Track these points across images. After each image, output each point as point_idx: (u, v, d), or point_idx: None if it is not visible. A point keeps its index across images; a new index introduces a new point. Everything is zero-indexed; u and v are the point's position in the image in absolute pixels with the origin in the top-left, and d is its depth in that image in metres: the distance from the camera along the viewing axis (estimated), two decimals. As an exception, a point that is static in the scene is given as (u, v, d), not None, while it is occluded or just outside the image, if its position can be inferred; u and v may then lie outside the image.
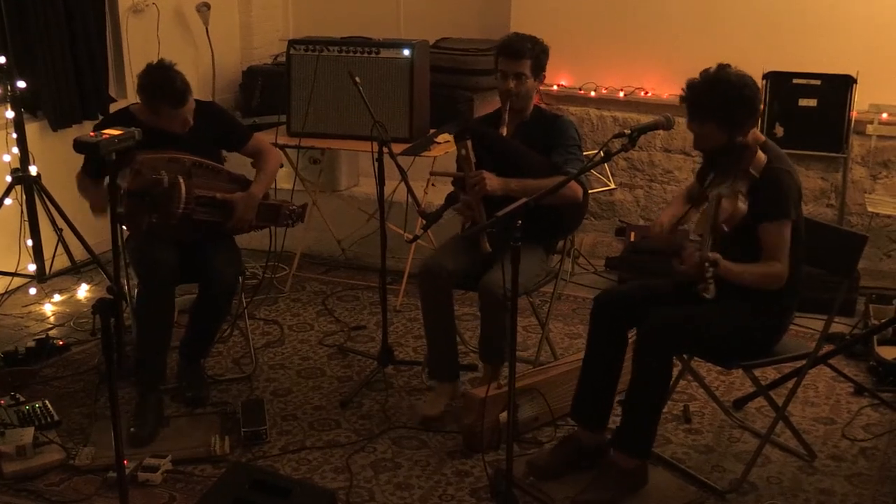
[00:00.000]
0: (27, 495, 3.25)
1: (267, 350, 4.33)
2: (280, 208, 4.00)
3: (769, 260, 3.06)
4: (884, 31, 5.09)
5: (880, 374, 4.00)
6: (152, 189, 3.57)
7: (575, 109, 5.74)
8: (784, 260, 3.05)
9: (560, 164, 3.64)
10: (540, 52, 3.74)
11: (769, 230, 3.06)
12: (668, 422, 3.70)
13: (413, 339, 4.42)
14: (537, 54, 3.73)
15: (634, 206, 5.80)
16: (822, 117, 5.17)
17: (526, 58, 3.70)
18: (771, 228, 3.05)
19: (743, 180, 3.04)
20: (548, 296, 4.16)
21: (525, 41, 3.74)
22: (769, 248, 3.06)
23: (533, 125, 3.80)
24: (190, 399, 3.82)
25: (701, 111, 3.09)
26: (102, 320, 2.55)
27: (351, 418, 3.75)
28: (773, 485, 3.32)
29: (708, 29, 5.40)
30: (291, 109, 5.05)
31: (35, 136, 4.91)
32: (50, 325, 4.59)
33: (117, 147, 3.36)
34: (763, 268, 3.06)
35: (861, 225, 5.27)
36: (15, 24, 4.78)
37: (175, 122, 3.73)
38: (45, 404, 3.71)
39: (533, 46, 3.73)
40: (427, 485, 3.33)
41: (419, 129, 4.96)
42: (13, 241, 4.83)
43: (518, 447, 3.44)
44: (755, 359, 3.23)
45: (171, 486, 3.30)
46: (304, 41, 5.07)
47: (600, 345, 3.33)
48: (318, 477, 3.37)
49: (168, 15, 5.84)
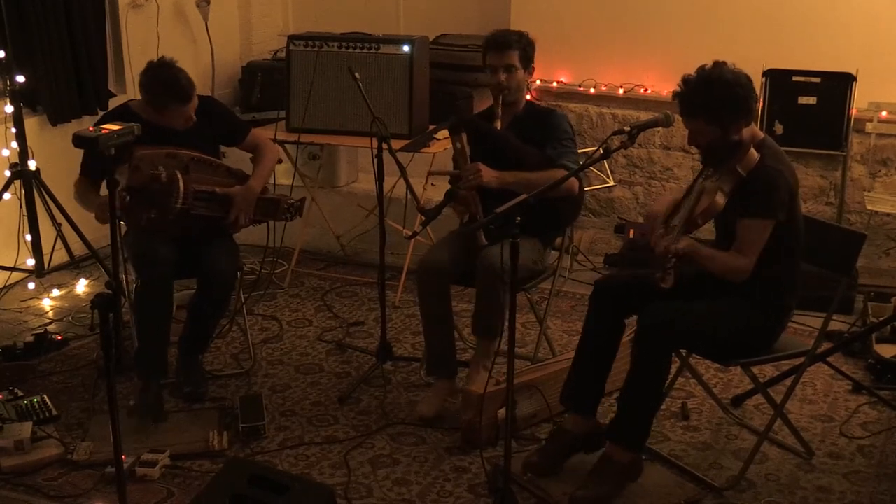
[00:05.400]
0: (25, 490, 3.25)
1: (265, 346, 4.33)
2: (279, 202, 4.00)
3: (737, 252, 3.06)
4: (883, 29, 5.09)
5: (878, 372, 4.00)
6: (151, 184, 3.57)
7: (574, 106, 5.75)
8: (751, 257, 3.04)
9: (554, 157, 3.67)
10: (526, 43, 3.78)
11: (747, 225, 3.06)
12: (666, 418, 3.70)
13: (411, 336, 4.42)
14: (524, 45, 3.77)
15: (633, 202, 5.80)
16: (821, 115, 5.17)
17: (513, 49, 3.74)
18: (750, 224, 3.06)
19: (729, 177, 3.05)
20: (546, 293, 4.16)
21: (510, 34, 3.80)
22: (741, 242, 3.06)
23: (526, 119, 3.83)
24: (188, 394, 3.82)
25: (690, 107, 3.10)
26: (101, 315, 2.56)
27: (349, 414, 3.75)
28: (771, 482, 3.32)
29: (708, 26, 5.40)
30: (291, 105, 5.04)
31: (34, 130, 4.91)
32: (48, 319, 4.59)
33: (116, 142, 3.37)
34: (729, 258, 3.07)
35: (860, 223, 5.27)
36: (14, 19, 4.77)
37: (179, 119, 3.74)
38: (44, 399, 3.71)
39: (519, 38, 3.78)
40: (425, 481, 3.33)
41: (418, 125, 4.95)
42: (12, 236, 4.83)
43: (516, 444, 3.44)
44: (754, 356, 3.23)
45: (169, 481, 3.30)
46: (303, 37, 5.06)
47: (597, 329, 3.33)
48: (316, 473, 3.37)
49: (167, 10, 5.84)
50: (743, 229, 3.06)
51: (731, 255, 3.07)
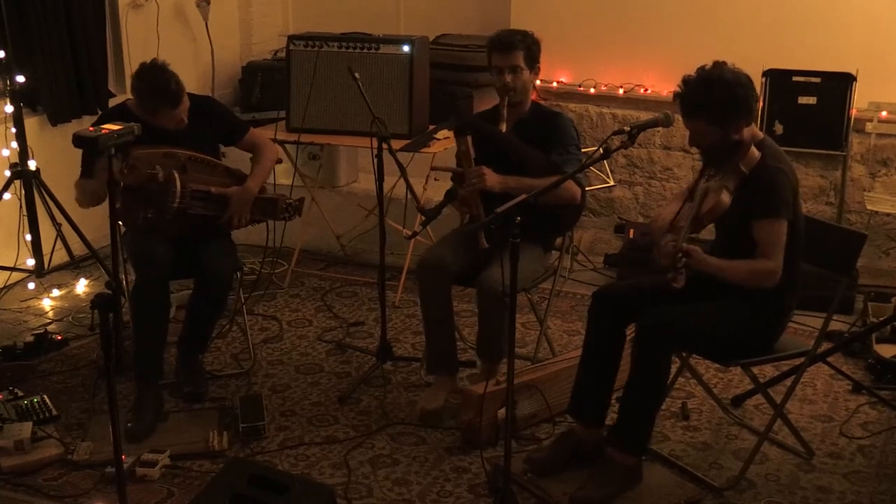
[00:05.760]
0: (25, 490, 3.25)
1: (265, 346, 4.33)
2: (277, 202, 4.00)
3: (761, 257, 3.05)
4: (883, 29, 5.09)
5: (878, 372, 4.00)
6: (148, 184, 3.57)
7: (574, 106, 5.75)
8: (777, 258, 3.03)
9: (559, 163, 3.63)
10: (531, 43, 3.73)
11: (762, 227, 3.05)
12: (667, 419, 3.70)
13: (412, 336, 4.42)
14: (528, 45, 3.72)
15: (633, 202, 5.80)
16: (821, 115, 5.17)
17: (518, 49, 3.69)
18: (764, 226, 3.05)
19: (732, 176, 3.05)
20: (546, 293, 4.16)
21: (515, 34, 3.75)
22: (762, 245, 3.05)
23: (532, 121, 3.80)
24: (188, 394, 3.82)
25: (691, 108, 3.09)
26: (101, 315, 2.55)
27: (349, 414, 3.75)
28: (771, 482, 3.32)
29: (708, 26, 5.40)
30: (291, 105, 5.04)
31: (34, 130, 4.91)
32: (48, 319, 4.59)
33: (116, 142, 3.38)
34: (752, 264, 3.05)
35: (860, 223, 5.27)
36: (14, 19, 4.77)
37: (170, 121, 3.74)
38: (44, 399, 3.71)
39: (524, 38, 3.73)
40: (425, 481, 3.33)
41: (418, 125, 4.95)
42: (12, 236, 4.83)
43: (516, 444, 3.44)
44: (754, 356, 3.23)
45: (169, 482, 3.30)
46: (303, 37, 5.06)
47: (598, 341, 3.33)
48: (316, 473, 3.36)
49: (167, 10, 5.83)
50: (759, 232, 3.05)
51: (754, 260, 3.05)
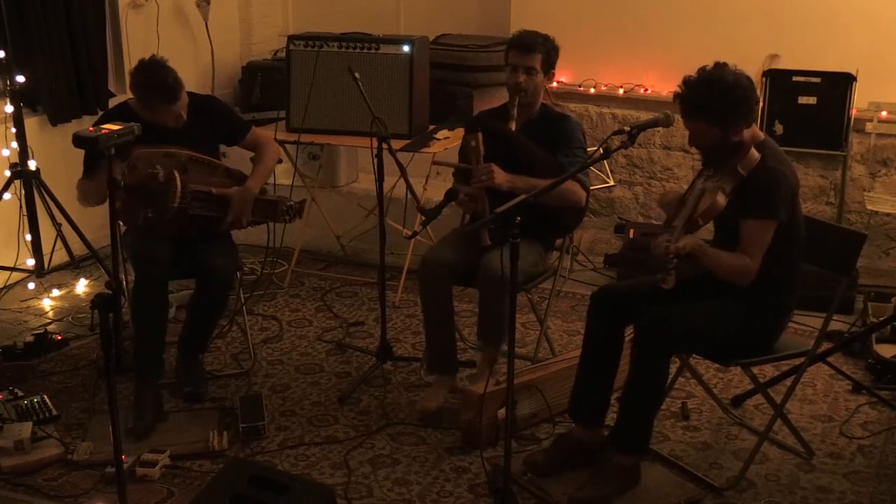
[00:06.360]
0: (25, 490, 3.25)
1: (265, 346, 4.33)
2: (278, 204, 4.00)
3: (741, 254, 3.05)
4: (883, 29, 5.09)
5: (878, 372, 4.00)
6: (148, 183, 3.57)
7: (574, 106, 5.75)
8: (756, 258, 3.03)
9: (566, 165, 3.64)
10: (551, 48, 3.77)
11: (749, 226, 3.05)
12: (666, 419, 3.70)
13: (412, 336, 4.42)
14: (548, 50, 3.75)
15: (633, 202, 5.80)
16: (821, 115, 5.17)
17: (537, 52, 3.72)
18: (752, 225, 3.05)
19: (730, 177, 3.04)
20: (546, 293, 4.16)
21: (537, 36, 3.77)
22: (744, 243, 3.05)
23: (540, 123, 3.82)
24: (188, 394, 3.82)
25: (691, 109, 3.09)
26: (101, 315, 2.55)
27: (349, 414, 3.75)
28: (771, 482, 3.32)
29: (708, 26, 5.40)
30: (291, 105, 5.04)
31: (34, 130, 4.90)
32: (48, 319, 4.59)
33: (116, 142, 3.38)
34: (734, 259, 3.06)
35: (860, 223, 5.27)
36: (14, 19, 4.77)
37: (168, 118, 3.74)
38: (44, 399, 3.71)
39: (544, 42, 3.76)
40: (425, 481, 3.33)
41: (418, 125, 4.95)
42: (12, 236, 4.83)
43: (516, 444, 3.44)
44: (754, 356, 3.23)
45: (169, 481, 3.30)
46: (303, 37, 5.06)
47: (597, 342, 3.33)
48: (316, 473, 3.36)
49: (167, 10, 5.83)
50: (746, 230, 3.06)
51: (737, 255, 3.06)
